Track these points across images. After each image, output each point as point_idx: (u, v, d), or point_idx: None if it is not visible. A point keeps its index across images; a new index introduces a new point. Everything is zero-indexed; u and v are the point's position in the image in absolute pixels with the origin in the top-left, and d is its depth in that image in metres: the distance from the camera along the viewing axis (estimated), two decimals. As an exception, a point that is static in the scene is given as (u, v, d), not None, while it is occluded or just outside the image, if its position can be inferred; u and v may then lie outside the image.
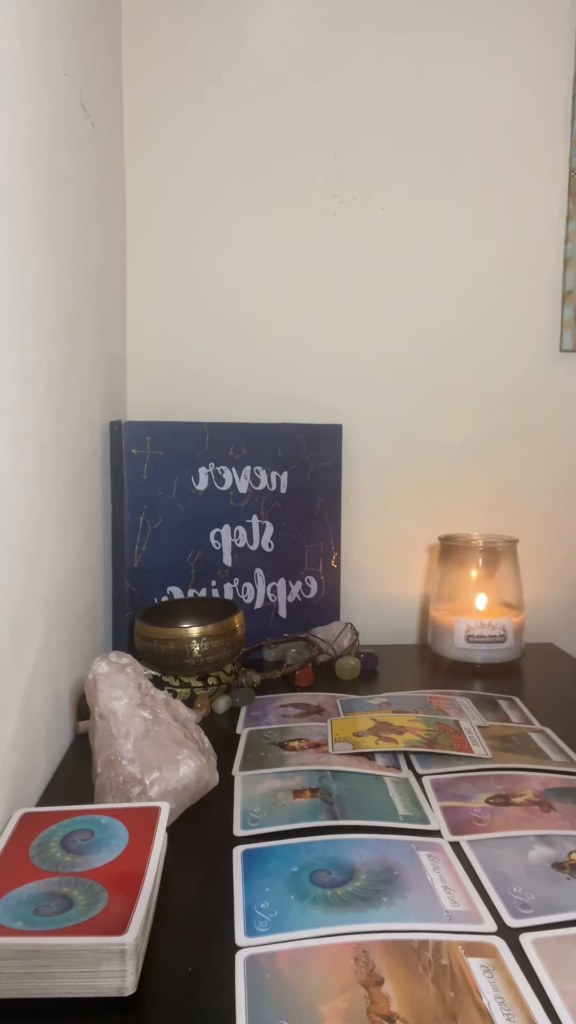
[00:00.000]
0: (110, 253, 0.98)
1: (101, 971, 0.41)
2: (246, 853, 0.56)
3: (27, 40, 0.62)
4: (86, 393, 0.85)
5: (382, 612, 1.17)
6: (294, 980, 0.43)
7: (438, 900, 0.50)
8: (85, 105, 0.82)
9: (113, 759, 0.61)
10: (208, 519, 0.99)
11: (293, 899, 0.50)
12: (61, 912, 0.44)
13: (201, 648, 0.82)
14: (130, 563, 0.94)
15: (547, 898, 0.50)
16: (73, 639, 0.78)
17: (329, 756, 0.71)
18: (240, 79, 1.07)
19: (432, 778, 0.68)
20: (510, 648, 1.02)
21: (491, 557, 1.05)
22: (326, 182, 1.10)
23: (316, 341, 1.12)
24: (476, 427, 1.16)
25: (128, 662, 0.67)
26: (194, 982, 0.43)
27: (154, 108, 1.07)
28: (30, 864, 0.49)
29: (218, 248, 1.10)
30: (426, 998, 0.41)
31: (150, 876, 0.47)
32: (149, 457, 0.94)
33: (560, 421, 1.16)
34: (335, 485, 1.09)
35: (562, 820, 0.60)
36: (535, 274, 1.14)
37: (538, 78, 1.10)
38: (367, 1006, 0.41)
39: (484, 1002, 0.41)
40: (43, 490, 0.68)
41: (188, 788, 0.61)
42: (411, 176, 1.11)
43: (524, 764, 0.70)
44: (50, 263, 0.70)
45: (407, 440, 1.15)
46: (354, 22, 1.07)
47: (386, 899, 0.50)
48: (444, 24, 1.08)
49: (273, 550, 1.04)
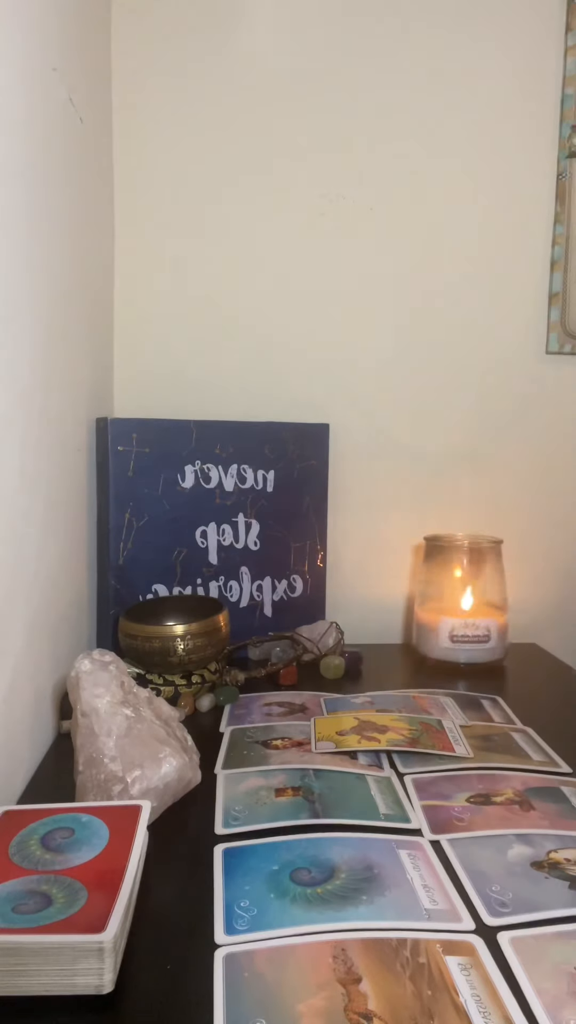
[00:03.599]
0: (98, 249, 0.98)
1: (79, 969, 0.41)
2: (227, 851, 0.56)
3: (15, 34, 0.62)
4: (72, 389, 0.84)
5: (367, 611, 1.17)
6: (272, 978, 0.43)
7: (417, 899, 0.50)
8: (73, 100, 0.82)
9: (95, 757, 0.61)
10: (194, 517, 0.99)
11: (273, 897, 0.50)
12: (40, 910, 0.44)
13: (185, 646, 0.82)
14: (115, 560, 0.94)
15: (525, 897, 0.51)
16: (56, 636, 0.78)
17: (312, 755, 0.71)
18: (230, 77, 1.07)
19: (414, 777, 0.68)
20: (494, 648, 1.02)
21: (476, 557, 1.06)
22: (315, 181, 1.10)
23: (303, 340, 1.12)
24: (462, 428, 1.16)
25: (111, 660, 0.67)
26: (172, 980, 0.44)
27: (143, 105, 1.06)
28: (9, 862, 0.49)
29: (206, 246, 1.10)
30: (403, 996, 0.42)
31: (130, 874, 0.47)
32: (135, 454, 0.94)
33: (546, 422, 1.17)
34: (321, 484, 1.09)
35: (541, 819, 0.61)
36: (522, 276, 1.14)
37: (527, 81, 1.10)
38: (344, 1004, 0.41)
39: (461, 1000, 0.41)
40: (27, 486, 0.68)
41: (170, 786, 0.61)
42: (400, 177, 1.11)
43: (505, 763, 0.70)
44: (37, 257, 0.69)
45: (393, 440, 1.15)
46: (347, 24, 1.07)
47: (365, 897, 0.50)
48: (436, 25, 1.08)
49: (259, 549, 1.04)
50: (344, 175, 1.10)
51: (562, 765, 0.71)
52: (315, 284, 1.12)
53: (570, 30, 1.09)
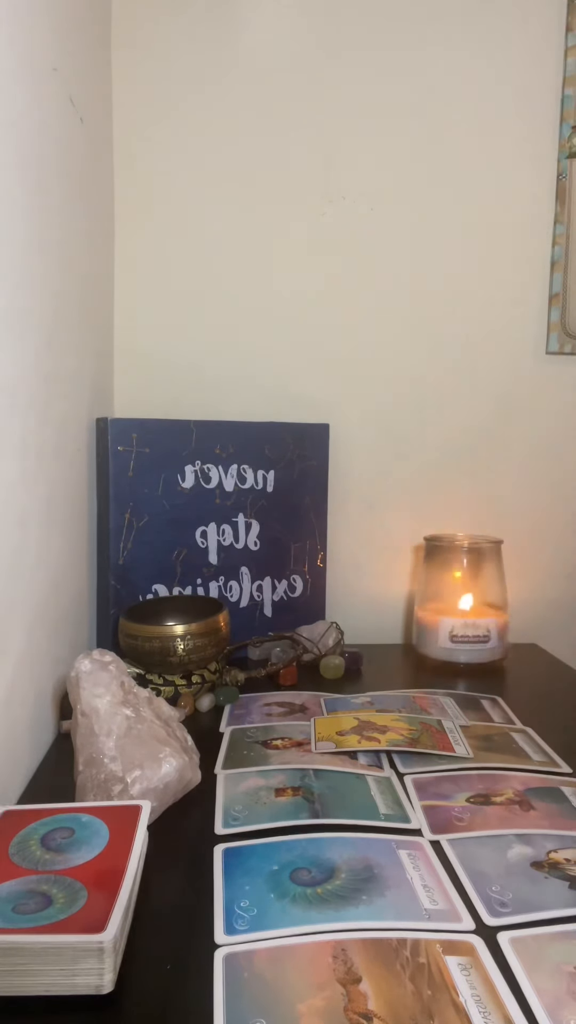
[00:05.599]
0: (98, 248, 0.98)
1: (79, 969, 0.41)
2: (227, 851, 0.56)
3: (16, 34, 0.62)
4: (72, 389, 0.84)
5: (367, 612, 1.17)
6: (272, 978, 0.43)
7: (417, 899, 0.50)
8: (74, 100, 0.82)
9: (95, 757, 0.61)
10: (194, 517, 0.99)
11: (273, 897, 0.50)
12: (40, 910, 0.44)
13: (185, 646, 0.82)
14: (115, 561, 0.94)
15: (525, 897, 0.51)
16: (56, 636, 0.78)
17: (312, 755, 0.71)
18: (230, 77, 1.07)
19: (414, 777, 0.68)
20: (494, 648, 1.02)
21: (476, 558, 1.06)
22: (316, 182, 1.10)
23: (304, 340, 1.12)
24: (463, 428, 1.16)
25: (111, 660, 0.67)
26: (172, 980, 0.44)
27: (144, 105, 1.06)
28: (9, 862, 0.49)
29: (206, 246, 1.10)
30: (403, 996, 0.42)
31: (130, 874, 0.47)
32: (135, 454, 0.94)
33: (546, 423, 1.17)
34: (321, 484, 1.09)
35: (541, 819, 0.61)
36: (523, 276, 1.14)
37: (527, 82, 1.10)
38: (344, 1004, 0.41)
39: (461, 1000, 0.41)
40: (27, 486, 0.68)
41: (170, 786, 0.61)
42: (399, 178, 1.11)
43: (505, 764, 0.70)
44: (37, 257, 0.69)
45: (394, 440, 1.15)
46: (346, 24, 1.07)
47: (365, 897, 0.50)
48: (435, 29, 1.08)
49: (259, 549, 1.04)
50: (344, 175, 1.10)
51: (562, 765, 0.71)
52: (315, 284, 1.12)
53: (570, 31, 1.09)
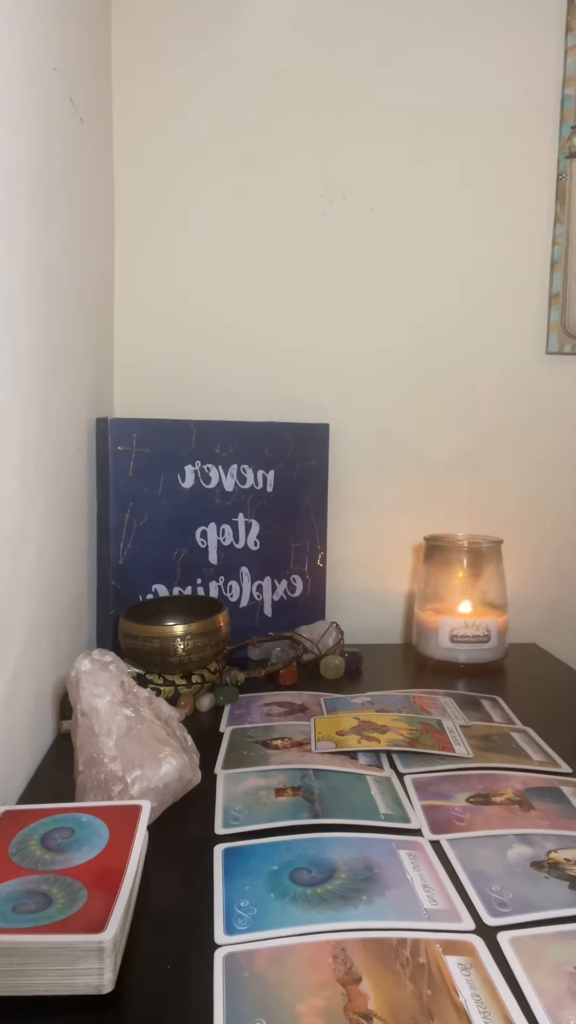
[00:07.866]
0: (97, 248, 0.98)
1: (79, 969, 0.41)
2: (227, 851, 0.56)
3: (15, 34, 0.62)
4: (72, 389, 0.84)
5: (367, 611, 1.17)
6: (272, 978, 0.43)
7: (417, 899, 0.50)
8: (74, 100, 0.82)
9: (95, 757, 0.61)
10: (194, 517, 0.99)
11: (273, 897, 0.50)
12: (39, 910, 0.44)
13: (185, 646, 0.82)
14: (115, 560, 0.94)
15: (525, 897, 0.51)
16: (56, 636, 0.78)
17: (312, 755, 0.71)
18: (230, 76, 1.07)
19: (414, 777, 0.68)
20: (494, 648, 1.02)
21: (476, 558, 1.06)
22: (315, 182, 1.10)
23: (304, 340, 1.12)
24: (462, 428, 1.16)
25: (111, 660, 0.67)
26: (172, 980, 0.44)
27: (143, 105, 1.06)
28: (9, 862, 0.49)
29: (206, 246, 1.10)
30: (403, 996, 0.42)
31: (130, 874, 0.47)
32: (135, 454, 0.94)
33: (546, 423, 1.17)
34: (321, 484, 1.09)
35: (541, 819, 0.61)
36: (523, 276, 1.14)
37: (528, 81, 1.10)
38: (344, 1004, 0.41)
39: (461, 1000, 0.41)
40: (27, 486, 0.68)
41: (170, 786, 0.61)
42: (400, 177, 1.11)
43: (505, 764, 0.70)
44: (37, 257, 0.69)
45: (394, 440, 1.15)
46: (345, 21, 1.07)
47: (365, 897, 0.50)
48: (435, 29, 1.08)
49: (259, 549, 1.04)
50: (344, 175, 1.10)
51: (562, 765, 0.71)
52: (315, 284, 1.12)
53: (570, 31, 1.09)
